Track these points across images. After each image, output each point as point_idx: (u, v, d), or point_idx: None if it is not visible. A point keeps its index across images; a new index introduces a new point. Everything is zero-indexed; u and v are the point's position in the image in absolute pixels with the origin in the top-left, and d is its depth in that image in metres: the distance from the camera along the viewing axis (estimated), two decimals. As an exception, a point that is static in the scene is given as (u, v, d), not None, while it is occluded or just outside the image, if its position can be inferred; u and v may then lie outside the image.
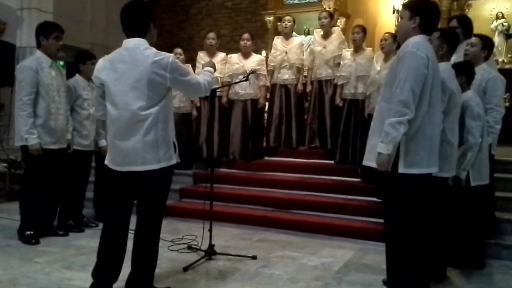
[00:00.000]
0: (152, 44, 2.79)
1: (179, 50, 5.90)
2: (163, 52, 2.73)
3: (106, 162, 2.84)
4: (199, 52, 6.22)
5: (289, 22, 6.02)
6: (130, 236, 2.86)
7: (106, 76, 2.74)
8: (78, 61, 4.72)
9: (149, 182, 2.77)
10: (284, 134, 6.03)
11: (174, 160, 2.82)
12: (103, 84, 2.78)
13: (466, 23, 4.25)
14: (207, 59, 6.02)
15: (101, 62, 2.82)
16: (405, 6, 3.00)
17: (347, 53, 5.57)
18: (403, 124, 2.71)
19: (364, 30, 5.52)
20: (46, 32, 4.18)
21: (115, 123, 2.74)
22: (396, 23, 7.22)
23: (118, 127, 2.72)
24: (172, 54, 2.74)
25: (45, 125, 4.11)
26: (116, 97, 2.71)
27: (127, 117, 2.68)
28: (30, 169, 4.21)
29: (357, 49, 5.48)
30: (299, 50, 5.99)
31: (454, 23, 4.30)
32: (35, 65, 4.09)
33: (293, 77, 5.96)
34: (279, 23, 9.07)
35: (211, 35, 6.01)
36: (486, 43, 3.98)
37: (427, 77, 2.76)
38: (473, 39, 3.96)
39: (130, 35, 2.76)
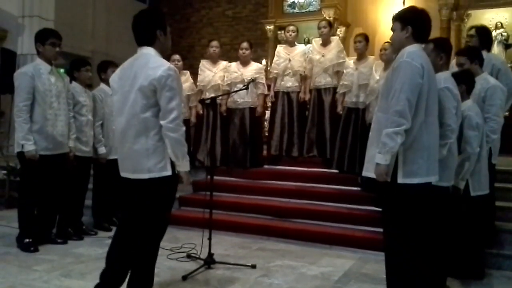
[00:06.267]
0: (165, 50, 2.83)
1: (177, 56, 5.92)
2: (165, 64, 2.66)
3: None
4: (202, 60, 6.28)
5: (293, 32, 6.03)
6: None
7: (116, 84, 2.82)
8: (73, 69, 4.76)
9: (139, 192, 2.73)
10: (285, 143, 6.02)
11: (168, 171, 2.69)
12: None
13: (484, 34, 4.27)
14: (209, 66, 6.07)
15: (117, 71, 2.88)
16: (395, 18, 2.98)
17: (351, 61, 5.57)
18: (400, 134, 2.72)
19: (366, 38, 5.51)
20: (43, 39, 4.21)
21: (117, 129, 2.81)
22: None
23: (118, 133, 2.79)
24: (172, 69, 2.65)
25: (42, 131, 4.11)
26: (119, 103, 2.77)
27: (123, 123, 2.73)
28: (28, 176, 4.20)
29: (360, 58, 5.49)
30: (302, 58, 5.98)
31: (472, 31, 4.32)
32: (31, 71, 4.12)
33: (296, 84, 5.96)
34: (279, 32, 9.16)
35: (214, 43, 6.08)
36: (473, 55, 3.88)
37: (422, 87, 2.76)
38: (460, 59, 3.87)
39: (139, 44, 2.79)
